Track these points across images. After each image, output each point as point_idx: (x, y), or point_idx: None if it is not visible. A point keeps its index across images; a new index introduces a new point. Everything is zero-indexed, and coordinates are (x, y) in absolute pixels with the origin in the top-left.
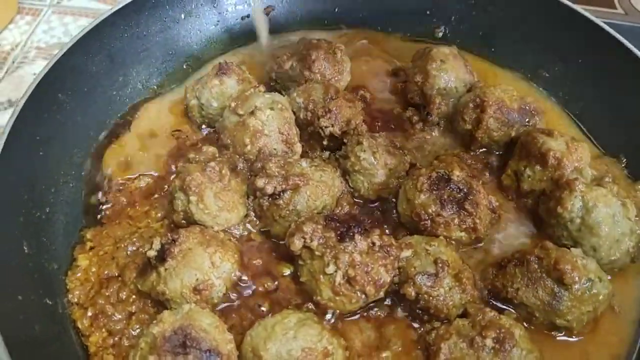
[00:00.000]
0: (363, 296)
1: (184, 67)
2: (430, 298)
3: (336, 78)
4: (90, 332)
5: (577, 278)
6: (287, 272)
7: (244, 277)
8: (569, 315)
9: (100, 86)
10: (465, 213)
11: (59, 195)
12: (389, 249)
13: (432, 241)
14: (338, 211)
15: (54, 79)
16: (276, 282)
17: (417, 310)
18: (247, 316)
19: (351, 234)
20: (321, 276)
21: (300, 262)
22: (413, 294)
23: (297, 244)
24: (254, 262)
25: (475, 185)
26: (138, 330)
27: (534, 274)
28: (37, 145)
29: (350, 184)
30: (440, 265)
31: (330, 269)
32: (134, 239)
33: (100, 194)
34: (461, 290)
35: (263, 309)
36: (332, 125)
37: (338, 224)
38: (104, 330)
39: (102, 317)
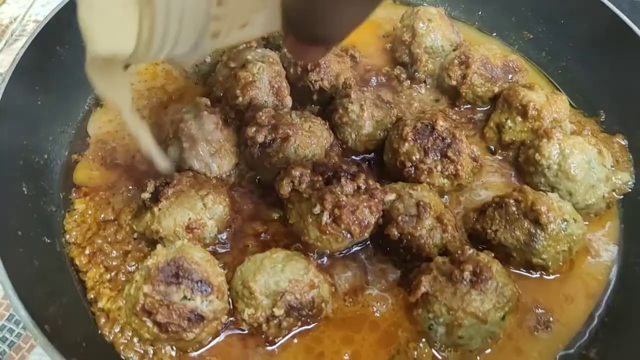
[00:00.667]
0: (348, 235)
1: None
2: (412, 238)
3: None
4: (88, 269)
5: (552, 218)
6: (276, 216)
7: (235, 220)
8: (544, 254)
9: None
10: (448, 160)
11: (57, 144)
12: (373, 192)
13: (415, 186)
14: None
15: (53, 31)
16: (266, 226)
17: (400, 250)
18: (237, 256)
19: (338, 177)
20: (309, 217)
21: (289, 206)
22: (396, 234)
23: (285, 187)
24: (245, 207)
25: (458, 135)
26: (134, 267)
27: (512, 215)
28: (36, 95)
29: (338, 136)
30: (422, 206)
31: (317, 209)
32: (130, 186)
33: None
34: (442, 231)
35: (253, 249)
36: (321, 80)
37: (326, 169)
38: (101, 266)
39: (99, 254)
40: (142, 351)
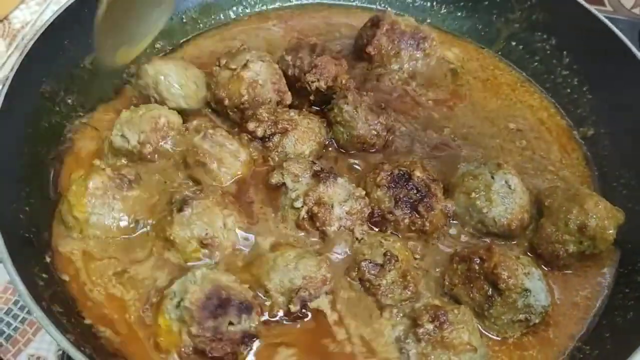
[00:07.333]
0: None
1: (185, 28)
2: (371, 286)
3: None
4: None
5: (512, 285)
6: None
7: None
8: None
9: None
10: (417, 215)
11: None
12: (359, 198)
13: (389, 237)
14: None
15: (61, 26)
16: None
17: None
18: None
19: (326, 177)
20: (290, 209)
21: (282, 198)
22: (355, 277)
23: (275, 177)
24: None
25: (433, 189)
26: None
27: (472, 273)
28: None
29: (332, 134)
30: (388, 257)
31: (298, 203)
32: None
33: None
34: (403, 287)
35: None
36: (318, 80)
37: (319, 169)
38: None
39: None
40: None
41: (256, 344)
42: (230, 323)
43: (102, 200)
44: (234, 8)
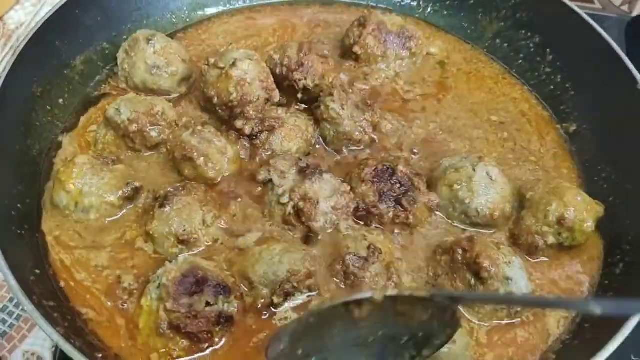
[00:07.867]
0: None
1: (175, 26)
2: (355, 279)
3: None
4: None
5: (494, 274)
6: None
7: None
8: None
9: (95, 39)
10: (401, 208)
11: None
12: (345, 193)
13: (372, 230)
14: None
15: (53, 27)
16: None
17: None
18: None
19: (312, 173)
20: (276, 205)
21: (269, 194)
22: (340, 270)
23: (262, 174)
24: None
25: (417, 183)
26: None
27: (455, 264)
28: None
29: (319, 131)
30: (372, 250)
31: (284, 199)
32: None
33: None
34: (387, 278)
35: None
36: (305, 78)
37: (305, 165)
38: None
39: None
40: None
41: (233, 329)
42: (208, 304)
43: (91, 171)
44: (222, 3)
